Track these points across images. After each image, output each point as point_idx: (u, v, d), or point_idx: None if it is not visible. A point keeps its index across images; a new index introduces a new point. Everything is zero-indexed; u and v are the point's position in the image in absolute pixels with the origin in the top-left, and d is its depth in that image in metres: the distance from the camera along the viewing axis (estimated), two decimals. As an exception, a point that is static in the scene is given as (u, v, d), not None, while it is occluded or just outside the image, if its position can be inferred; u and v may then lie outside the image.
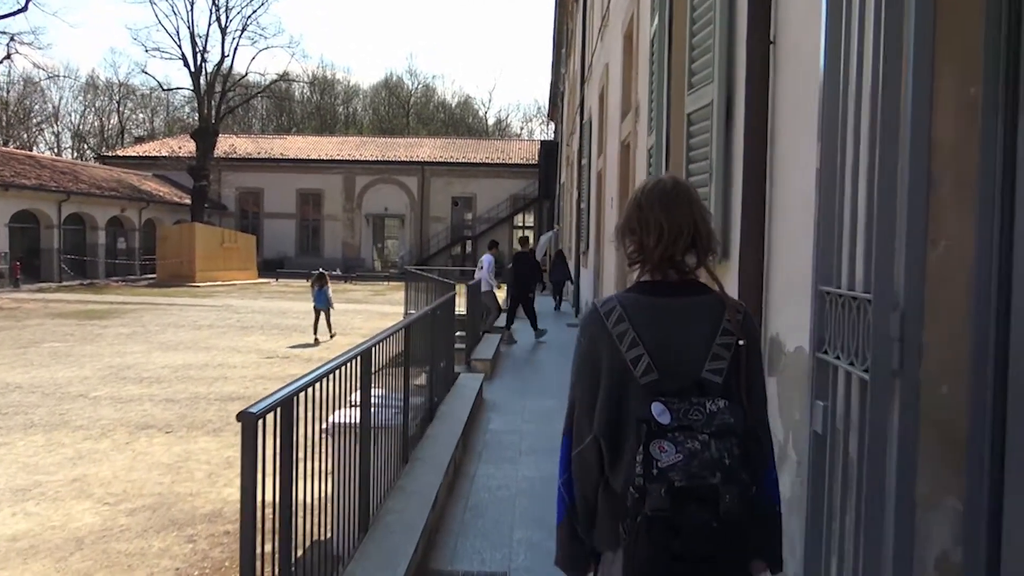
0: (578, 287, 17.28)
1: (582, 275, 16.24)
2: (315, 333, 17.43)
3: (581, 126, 16.39)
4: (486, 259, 14.58)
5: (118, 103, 66.36)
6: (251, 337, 17.44)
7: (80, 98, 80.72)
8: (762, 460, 1.85)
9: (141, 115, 71.08)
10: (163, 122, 70.25)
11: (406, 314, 14.99)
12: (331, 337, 17.52)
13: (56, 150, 64.79)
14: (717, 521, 1.65)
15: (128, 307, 23.61)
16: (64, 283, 31.89)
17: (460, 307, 11.19)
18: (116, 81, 66.38)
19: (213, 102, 41.97)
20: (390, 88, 78.57)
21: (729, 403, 1.73)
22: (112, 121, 67.82)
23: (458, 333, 10.58)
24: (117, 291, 29.82)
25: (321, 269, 19.93)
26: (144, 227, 38.53)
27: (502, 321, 15.05)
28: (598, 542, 1.90)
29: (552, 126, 52.88)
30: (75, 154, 64.68)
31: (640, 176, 7.28)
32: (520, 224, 48.53)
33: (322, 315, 17.93)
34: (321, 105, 77.02)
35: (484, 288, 13.63)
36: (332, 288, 18.38)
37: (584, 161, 14.94)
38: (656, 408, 1.69)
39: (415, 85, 79.34)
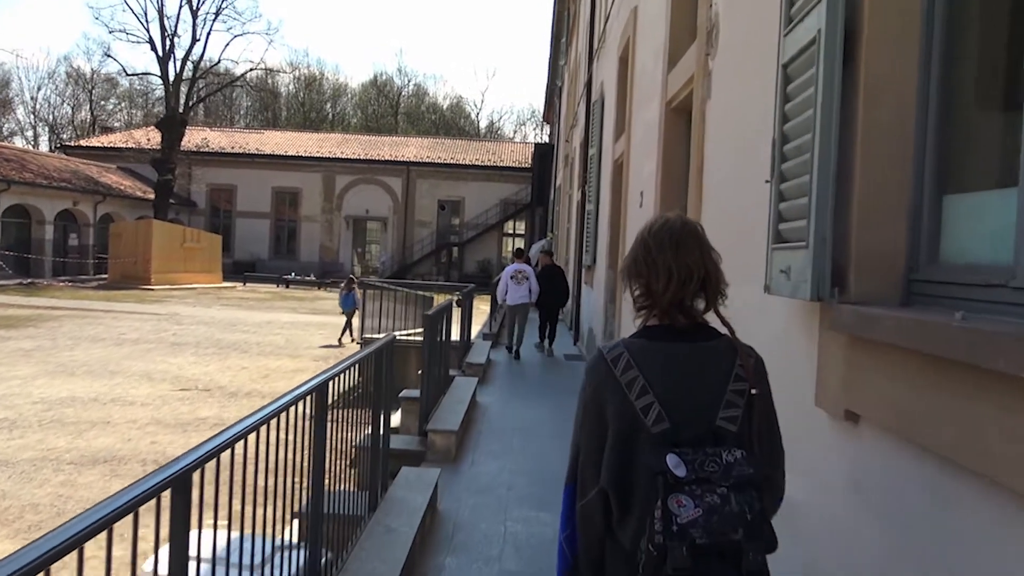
0: (578, 311, 14.19)
1: (585, 296, 13.16)
2: (341, 337, 17.39)
3: (588, 109, 13.34)
4: (528, 268, 12.52)
5: (90, 92, 62.91)
6: (178, 358, 14.28)
7: (50, 86, 77.48)
8: (776, 506, 1.80)
9: (122, 106, 67.65)
10: (142, 114, 66.86)
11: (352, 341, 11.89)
12: (352, 342, 16.45)
13: (34, 144, 61.35)
14: None
15: (55, 313, 20.39)
16: (1, 282, 28.59)
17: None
18: (89, 69, 62.83)
19: (182, 90, 38.75)
20: (379, 87, 75.52)
21: (746, 453, 1.62)
22: (84, 112, 64.40)
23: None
24: (56, 293, 26.57)
25: (351, 275, 21.81)
26: (100, 222, 35.22)
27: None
28: None
29: (547, 129, 49.91)
30: (52, 148, 61.17)
31: (713, 150, 4.26)
32: (511, 231, 45.39)
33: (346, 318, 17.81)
34: (308, 103, 73.90)
35: (524, 300, 11.87)
36: (310, 294, 15.50)
37: (592, 151, 11.88)
38: (671, 460, 1.57)
39: (405, 83, 76.39)
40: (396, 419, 7.96)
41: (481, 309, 21.27)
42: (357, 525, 4.23)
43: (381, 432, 4.52)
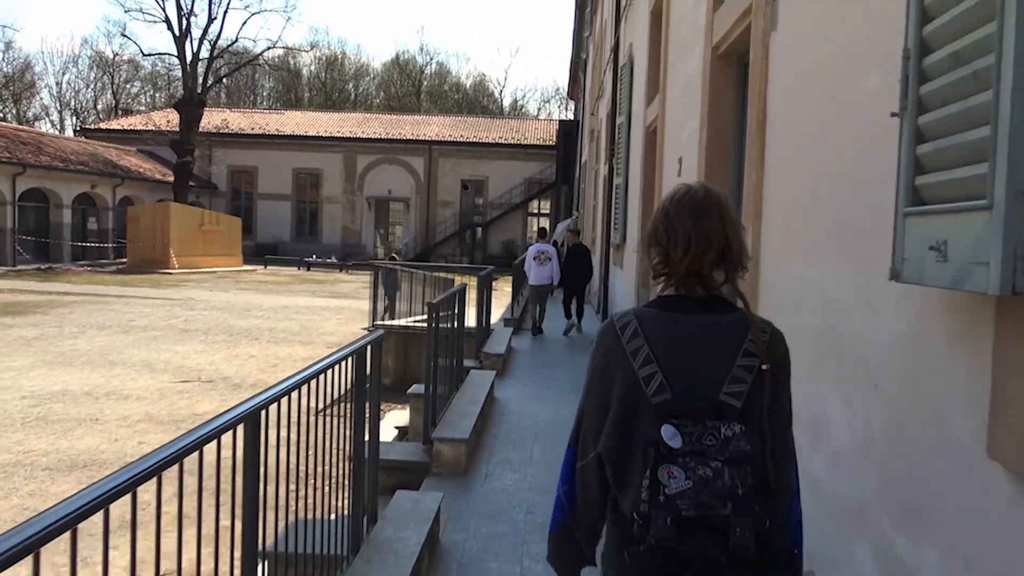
0: (605, 294, 13.27)
1: (614, 278, 12.24)
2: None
3: (616, 76, 12.35)
4: (551, 249, 12.72)
5: (111, 75, 62.55)
6: (184, 346, 13.59)
7: (73, 70, 77.45)
8: (783, 493, 1.67)
9: (146, 89, 67.22)
10: (165, 96, 66.47)
11: (370, 326, 11.10)
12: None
13: (60, 129, 61.16)
14: (726, 555, 1.50)
15: (66, 299, 19.84)
16: (18, 267, 28.22)
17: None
18: (111, 51, 62.45)
19: (200, 70, 38.06)
20: (401, 66, 74.52)
21: (746, 429, 1.57)
22: (107, 96, 64.14)
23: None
24: (72, 278, 26.09)
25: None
26: (119, 206, 34.77)
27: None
28: (605, 566, 1.77)
29: (572, 107, 48.75)
30: (75, 132, 60.98)
31: (781, 94, 3.34)
32: (535, 211, 44.39)
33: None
34: (329, 83, 73.15)
35: (547, 281, 12.19)
36: (331, 276, 14.73)
37: (620, 120, 10.91)
38: (667, 431, 1.56)
39: (427, 61, 75.32)
40: (404, 417, 7.11)
41: (504, 291, 20.47)
42: (336, 569, 3.41)
43: (366, 453, 3.67)
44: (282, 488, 2.86)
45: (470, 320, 9.36)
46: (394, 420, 8.15)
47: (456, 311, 6.90)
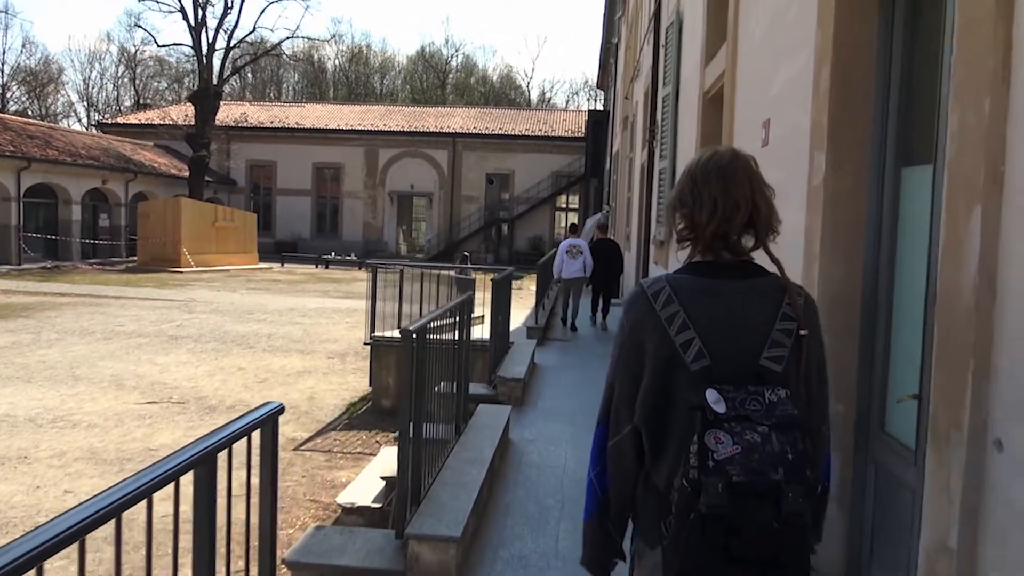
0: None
1: (655, 275, 10.46)
2: None
3: (657, 43, 10.55)
4: (583, 243, 12.75)
5: (133, 69, 61.64)
6: (168, 356, 12.05)
7: (98, 66, 76.87)
8: (820, 454, 1.66)
9: (174, 86, 66.10)
10: (186, 91, 65.44)
11: (369, 335, 9.47)
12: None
13: (88, 125, 60.26)
14: (779, 522, 1.46)
15: (59, 300, 18.47)
16: (23, 266, 27.01)
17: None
18: (132, 46, 61.51)
19: (216, 62, 36.74)
20: (426, 59, 72.97)
21: (791, 393, 1.56)
22: (129, 91, 63.30)
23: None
24: (76, 277, 24.81)
25: (466, 252, 22.54)
26: (132, 202, 33.51)
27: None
28: (635, 538, 1.75)
29: (601, 98, 46.85)
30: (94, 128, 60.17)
31: None
32: (563, 206, 42.55)
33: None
34: (354, 77, 71.78)
35: (579, 275, 12.22)
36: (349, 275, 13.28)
37: (665, 91, 9.12)
38: (711, 395, 1.53)
39: (452, 53, 73.74)
40: (370, 493, 5.43)
41: (530, 290, 18.75)
42: None
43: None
44: None
45: (483, 331, 7.70)
46: (384, 464, 6.47)
47: (463, 320, 5.25)
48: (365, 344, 10.00)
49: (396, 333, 10.22)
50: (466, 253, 21.53)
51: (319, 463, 7.25)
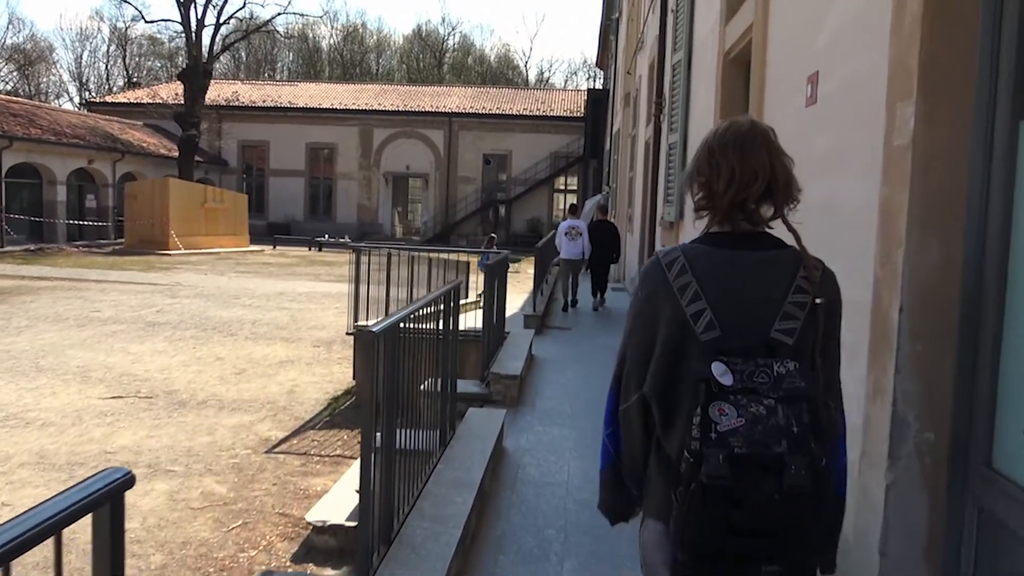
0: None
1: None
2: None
3: (665, 6, 9.73)
4: (582, 224, 12.75)
5: (123, 48, 60.46)
6: (142, 344, 11.33)
7: (88, 45, 75.65)
8: (831, 434, 1.65)
9: (168, 65, 64.81)
10: (178, 71, 64.18)
11: (353, 323, 8.77)
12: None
13: (77, 104, 59.11)
14: (780, 494, 1.46)
15: (38, 284, 17.72)
16: (5, 248, 26.16)
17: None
18: (122, 23, 60.32)
19: (205, 38, 35.73)
20: (423, 39, 71.78)
21: (800, 366, 1.56)
22: (120, 70, 62.14)
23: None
24: (59, 260, 24.03)
25: (492, 234, 22.35)
26: (120, 182, 32.63)
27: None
28: (648, 509, 1.75)
29: (601, 77, 45.84)
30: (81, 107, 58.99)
31: None
32: (562, 187, 41.67)
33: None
34: (349, 57, 70.59)
35: (577, 256, 12.30)
36: (342, 258, 12.75)
37: (676, 57, 8.33)
38: (717, 368, 1.54)
39: (449, 32, 72.55)
40: (345, 508, 4.72)
41: (527, 273, 18.01)
42: None
43: None
44: None
45: (476, 318, 6.98)
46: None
47: (450, 308, 4.54)
48: (348, 334, 9.28)
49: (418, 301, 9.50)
50: (492, 235, 21.37)
51: (293, 468, 6.54)
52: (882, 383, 2.58)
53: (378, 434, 3.04)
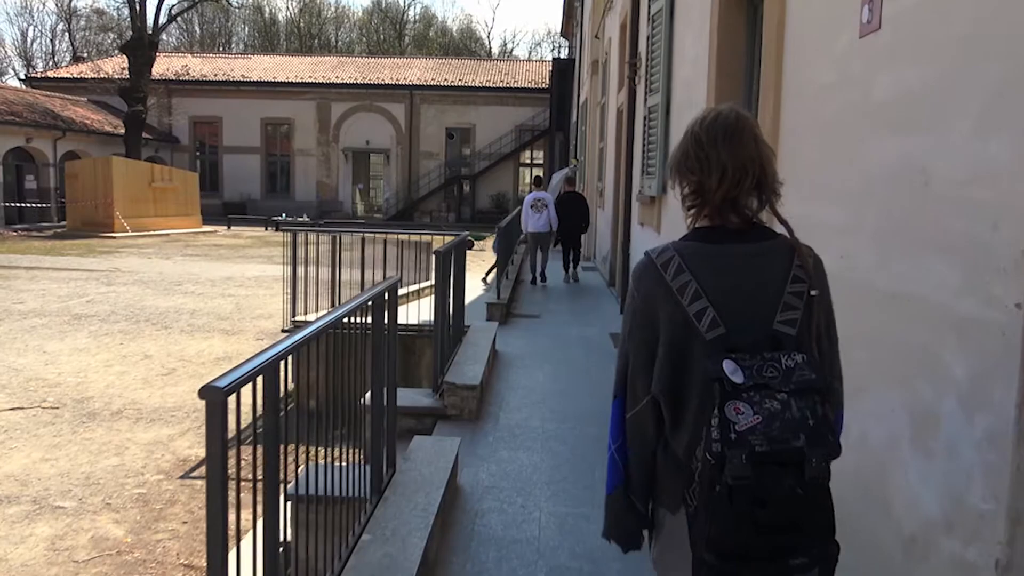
0: (626, 267, 9.71)
1: (644, 245, 8.75)
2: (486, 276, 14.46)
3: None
4: (547, 196, 12.61)
5: (68, 21, 57.75)
6: (62, 341, 10.13)
7: (34, 18, 72.66)
8: (836, 414, 1.68)
9: (115, 40, 62.18)
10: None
11: (290, 324, 7.72)
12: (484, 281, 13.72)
13: (22, 80, 56.39)
14: (802, 487, 1.44)
15: (-39, 273, 16.31)
16: (-64, 233, 24.50)
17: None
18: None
19: (150, 7, 33.90)
20: (382, 10, 69.80)
21: (807, 357, 1.53)
22: (66, 45, 59.47)
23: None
24: (-7, 245, 22.48)
25: (470, 237, 21.31)
26: (63, 161, 30.87)
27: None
28: (656, 504, 1.74)
29: (566, 46, 44.56)
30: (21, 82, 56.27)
31: None
32: (528, 161, 40.48)
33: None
34: (307, 29, 68.40)
35: (544, 229, 12.15)
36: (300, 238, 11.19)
37: (658, 5, 7.24)
38: (728, 366, 1.50)
39: (409, 3, 70.58)
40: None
41: (493, 251, 16.93)
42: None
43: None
44: None
45: (424, 311, 5.91)
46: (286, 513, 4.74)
47: (388, 306, 3.53)
48: (283, 331, 8.19)
49: (322, 315, 8.43)
50: (471, 238, 21.71)
51: (212, 498, 5.47)
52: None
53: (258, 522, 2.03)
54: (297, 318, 7.70)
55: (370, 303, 3.24)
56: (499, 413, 5.18)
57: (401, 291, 10.06)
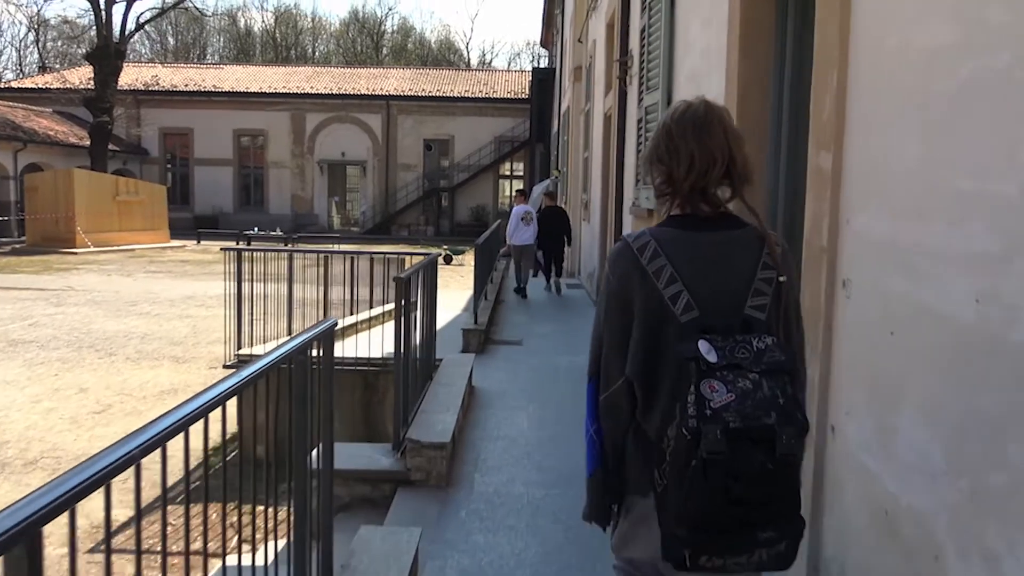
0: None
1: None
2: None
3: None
4: (532, 210, 12.76)
5: (35, 31, 56.27)
6: (-11, 373, 9.07)
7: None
8: (802, 394, 1.72)
9: (84, 50, 60.79)
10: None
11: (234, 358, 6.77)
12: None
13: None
14: (773, 463, 1.49)
15: (-101, 293, 15.14)
16: None
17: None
18: (34, 4, 56.22)
19: (116, 15, 32.73)
20: (359, 21, 68.89)
21: (776, 340, 1.60)
22: (32, 56, 57.98)
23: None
24: (-58, 262, 21.24)
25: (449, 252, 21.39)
26: (24, 174, 29.63)
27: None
28: (625, 490, 1.76)
29: (546, 57, 43.84)
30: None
31: None
32: (507, 173, 39.61)
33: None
34: (281, 41, 67.32)
35: (530, 241, 12.18)
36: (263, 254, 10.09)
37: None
38: (703, 346, 1.55)
39: (385, 13, 69.80)
40: None
41: (471, 266, 15.99)
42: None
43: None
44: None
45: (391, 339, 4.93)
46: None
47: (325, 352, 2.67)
48: (225, 367, 7.21)
49: (271, 348, 7.48)
50: (450, 254, 21.17)
51: (125, 579, 4.49)
52: None
53: None
54: (243, 351, 6.72)
55: (288, 359, 2.30)
56: (474, 475, 4.22)
57: (368, 314, 9.10)
